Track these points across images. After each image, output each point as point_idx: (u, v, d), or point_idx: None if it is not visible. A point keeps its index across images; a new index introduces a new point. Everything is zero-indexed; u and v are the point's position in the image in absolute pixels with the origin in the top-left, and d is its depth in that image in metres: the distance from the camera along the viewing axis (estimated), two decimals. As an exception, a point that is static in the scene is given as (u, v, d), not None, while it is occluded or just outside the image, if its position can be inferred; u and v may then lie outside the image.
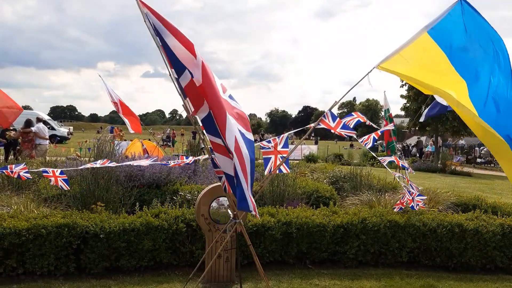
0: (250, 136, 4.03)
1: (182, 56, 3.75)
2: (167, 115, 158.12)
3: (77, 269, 5.23)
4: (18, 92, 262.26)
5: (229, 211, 4.75)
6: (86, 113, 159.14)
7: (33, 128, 14.42)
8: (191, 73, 3.75)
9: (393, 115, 13.44)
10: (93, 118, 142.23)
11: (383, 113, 12.77)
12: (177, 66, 3.77)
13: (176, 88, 3.95)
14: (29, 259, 5.01)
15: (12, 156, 14.29)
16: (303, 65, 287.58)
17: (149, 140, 16.70)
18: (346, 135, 4.69)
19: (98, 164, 5.45)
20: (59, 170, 5.41)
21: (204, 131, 3.97)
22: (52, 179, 5.36)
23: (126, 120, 13.24)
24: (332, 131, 4.56)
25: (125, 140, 17.61)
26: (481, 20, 4.43)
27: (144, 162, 5.73)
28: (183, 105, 3.95)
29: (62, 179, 5.37)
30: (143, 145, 13.32)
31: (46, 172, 5.41)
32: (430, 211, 6.76)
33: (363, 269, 5.83)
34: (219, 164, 3.99)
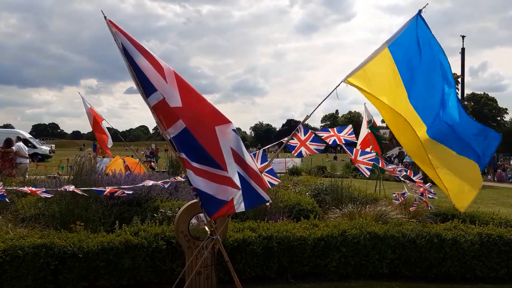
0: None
1: (153, 78, 3.83)
2: (151, 131, 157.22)
3: (55, 290, 5.15)
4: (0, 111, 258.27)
5: (206, 227, 4.75)
6: (68, 130, 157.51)
7: (13, 147, 14.25)
8: (162, 95, 3.84)
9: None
10: (76, 135, 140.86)
11: (364, 125, 12.87)
12: (147, 86, 3.85)
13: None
14: (7, 281, 4.92)
15: None
16: (287, 79, 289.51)
17: (132, 156, 16.59)
18: (317, 149, 4.77)
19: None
20: None
21: (175, 148, 4.02)
22: None
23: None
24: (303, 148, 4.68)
25: (103, 157, 17.44)
26: (430, 35, 4.61)
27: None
28: (156, 122, 4.00)
29: None
30: (124, 162, 13.23)
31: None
32: (409, 222, 6.84)
33: (345, 282, 5.84)
34: (191, 180, 4.04)
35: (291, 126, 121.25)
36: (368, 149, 8.89)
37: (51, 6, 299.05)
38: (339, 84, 4.48)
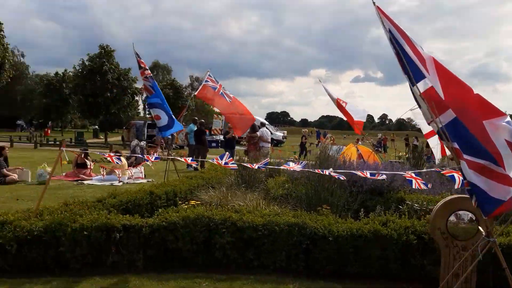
0: None
1: (419, 65, 3.71)
2: (376, 120, 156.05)
3: (305, 268, 5.35)
4: (242, 100, 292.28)
5: (480, 228, 4.24)
6: (297, 118, 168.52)
7: (258, 132, 15.79)
8: (430, 83, 3.66)
9: None
10: (304, 123, 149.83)
11: None
12: (416, 73, 3.69)
13: (413, 93, 3.84)
14: (264, 254, 5.33)
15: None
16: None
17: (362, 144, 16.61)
18: None
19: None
20: None
21: (447, 137, 3.67)
22: None
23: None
24: None
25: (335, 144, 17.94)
26: None
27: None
28: (426, 109, 3.72)
29: None
30: (358, 150, 13.30)
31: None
32: None
33: None
34: (464, 173, 3.63)
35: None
36: None
37: (286, 2, 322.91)
38: None
